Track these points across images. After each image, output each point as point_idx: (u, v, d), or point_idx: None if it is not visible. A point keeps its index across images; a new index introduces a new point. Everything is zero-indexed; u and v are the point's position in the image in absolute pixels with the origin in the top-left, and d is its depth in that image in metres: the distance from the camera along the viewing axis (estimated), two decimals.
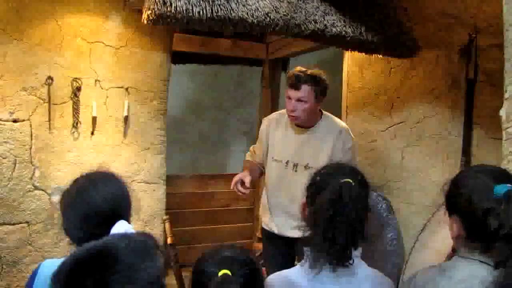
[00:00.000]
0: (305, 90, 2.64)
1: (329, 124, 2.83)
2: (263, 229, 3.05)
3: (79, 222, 1.47)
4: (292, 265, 2.51)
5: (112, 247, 0.94)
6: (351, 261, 1.48)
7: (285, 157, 2.81)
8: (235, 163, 6.16)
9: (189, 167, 6.06)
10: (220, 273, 1.20)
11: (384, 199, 3.42)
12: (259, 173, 2.99)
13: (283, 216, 2.79)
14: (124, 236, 1.02)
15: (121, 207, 1.52)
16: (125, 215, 1.52)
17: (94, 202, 1.48)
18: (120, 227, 1.41)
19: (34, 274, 1.57)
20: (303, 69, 2.70)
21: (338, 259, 1.47)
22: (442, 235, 2.89)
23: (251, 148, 3.09)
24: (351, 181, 1.49)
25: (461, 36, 2.93)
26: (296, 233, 1.68)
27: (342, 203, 1.45)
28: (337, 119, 2.92)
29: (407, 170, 3.36)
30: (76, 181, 1.58)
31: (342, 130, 2.81)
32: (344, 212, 1.44)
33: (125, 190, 1.58)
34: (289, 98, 2.69)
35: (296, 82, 2.65)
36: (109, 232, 1.35)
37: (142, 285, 0.90)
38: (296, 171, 2.78)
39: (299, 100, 2.66)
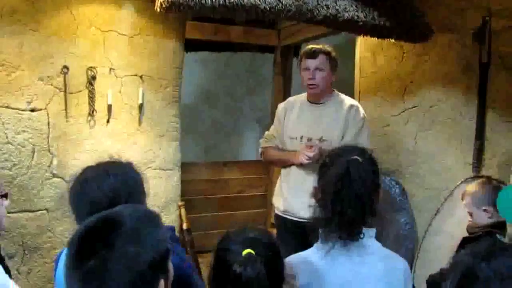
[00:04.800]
0: (322, 58, 2.84)
1: (341, 99, 2.95)
2: (276, 216, 3.08)
3: (84, 213, 1.45)
4: None
5: (118, 213, 1.04)
6: (361, 236, 1.52)
7: (299, 132, 2.90)
8: (248, 150, 6.20)
9: (202, 155, 6.10)
10: (244, 252, 1.24)
11: (398, 183, 3.43)
12: None
13: (297, 195, 2.81)
14: (130, 206, 1.12)
15: (120, 199, 1.48)
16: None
17: (94, 195, 1.49)
18: None
19: (58, 258, 1.62)
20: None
21: (348, 233, 1.51)
22: (455, 219, 2.91)
23: (266, 134, 3.12)
24: (359, 158, 1.53)
25: (474, 19, 2.91)
26: (308, 213, 1.71)
27: (350, 177, 1.49)
28: (349, 97, 3.04)
29: (420, 155, 3.36)
30: (79, 173, 1.59)
31: (353, 105, 2.93)
32: (351, 186, 1.49)
33: (129, 181, 1.56)
34: (307, 69, 2.86)
35: (313, 52, 2.86)
36: None
37: (146, 246, 0.98)
38: None
39: (317, 68, 2.83)
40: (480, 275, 0.79)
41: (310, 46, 2.93)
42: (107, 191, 1.49)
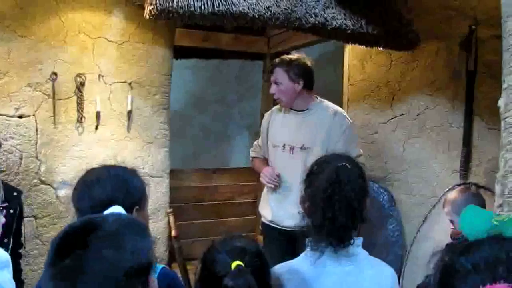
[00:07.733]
0: (277, 72, 2.83)
1: (324, 106, 2.91)
2: (263, 224, 3.07)
3: (87, 210, 1.49)
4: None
5: (102, 217, 1.05)
6: (351, 241, 1.51)
7: (282, 140, 2.89)
8: (237, 156, 6.19)
9: (191, 161, 6.08)
10: (233, 265, 1.22)
11: (386, 190, 3.45)
12: None
13: (282, 206, 2.82)
14: (117, 213, 1.13)
15: (119, 198, 1.51)
16: (123, 205, 1.53)
17: (95, 192, 1.53)
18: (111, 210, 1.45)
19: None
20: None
21: (339, 239, 1.50)
22: (443, 226, 2.92)
23: (255, 143, 3.14)
24: (347, 164, 1.54)
25: (461, 28, 2.94)
26: (293, 222, 1.72)
27: (340, 183, 1.49)
28: (333, 104, 2.98)
29: (408, 162, 3.38)
30: (84, 174, 1.63)
31: (337, 112, 2.88)
32: (342, 192, 1.48)
33: (129, 183, 1.60)
34: (270, 83, 2.89)
35: (270, 66, 2.92)
36: None
37: (125, 253, 0.97)
38: (292, 153, 2.84)
39: (275, 82, 2.84)
40: (459, 269, 0.81)
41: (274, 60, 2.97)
42: (108, 189, 1.54)
